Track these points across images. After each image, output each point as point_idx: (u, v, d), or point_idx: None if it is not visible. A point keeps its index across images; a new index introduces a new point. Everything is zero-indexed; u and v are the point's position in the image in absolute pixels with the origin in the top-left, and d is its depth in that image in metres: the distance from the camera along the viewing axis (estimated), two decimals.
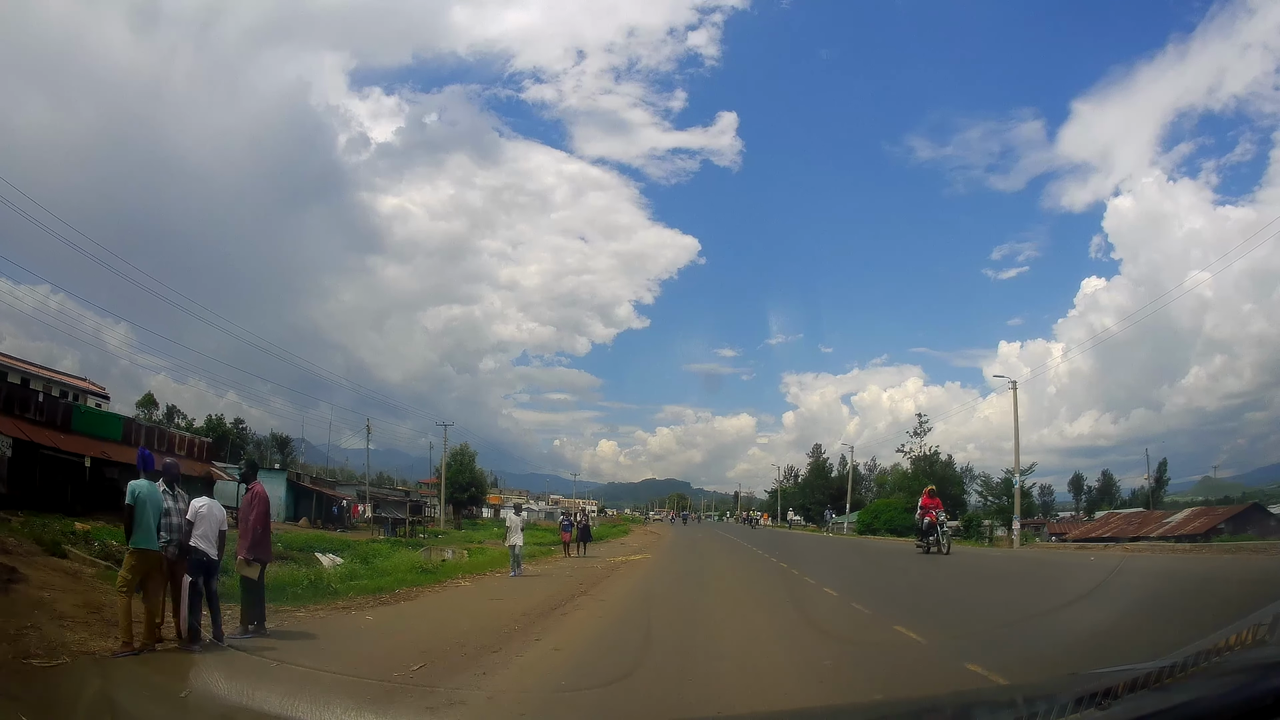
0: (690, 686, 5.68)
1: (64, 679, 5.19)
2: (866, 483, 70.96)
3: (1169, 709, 2.10)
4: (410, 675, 6.03)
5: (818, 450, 77.20)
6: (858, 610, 9.70)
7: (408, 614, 10.15)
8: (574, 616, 9.93)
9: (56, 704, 4.66)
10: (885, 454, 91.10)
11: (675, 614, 10.18)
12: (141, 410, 54.14)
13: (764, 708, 5.09)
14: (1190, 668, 2.30)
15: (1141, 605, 9.19)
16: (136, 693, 4.93)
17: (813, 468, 75.74)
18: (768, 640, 7.99)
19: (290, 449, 69.78)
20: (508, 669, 6.42)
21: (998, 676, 5.26)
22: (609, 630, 8.97)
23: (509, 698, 5.50)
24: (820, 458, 75.69)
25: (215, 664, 6.11)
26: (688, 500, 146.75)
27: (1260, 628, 2.35)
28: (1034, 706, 2.38)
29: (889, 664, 6.50)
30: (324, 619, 9.11)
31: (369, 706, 4.83)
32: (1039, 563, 18.59)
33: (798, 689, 5.61)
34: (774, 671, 6.34)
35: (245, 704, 4.40)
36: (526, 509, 72.65)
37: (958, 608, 10.93)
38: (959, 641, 7.09)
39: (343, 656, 6.98)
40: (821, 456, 75.86)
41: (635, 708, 5.30)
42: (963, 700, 3.64)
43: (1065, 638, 7.03)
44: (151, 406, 57.16)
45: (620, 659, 6.99)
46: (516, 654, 7.08)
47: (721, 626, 8.93)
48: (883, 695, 5.03)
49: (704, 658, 6.89)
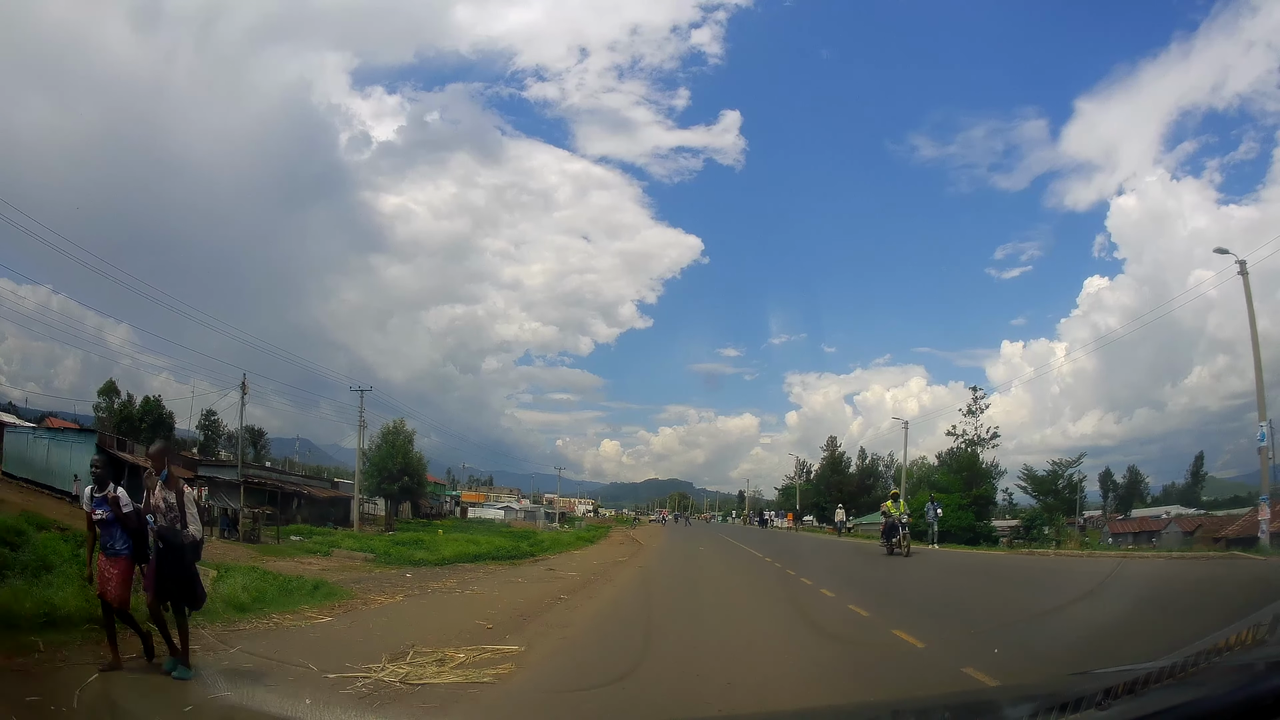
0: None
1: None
2: (884, 479, 64.85)
3: (1169, 709, 2.08)
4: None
5: (832, 443, 69.12)
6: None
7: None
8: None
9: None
10: (892, 449, 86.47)
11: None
12: (102, 399, 49.23)
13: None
14: (1190, 668, 2.29)
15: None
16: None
17: (827, 462, 67.85)
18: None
19: (263, 443, 65.04)
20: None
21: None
22: None
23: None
24: (835, 451, 68.14)
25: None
26: (689, 500, 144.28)
27: (1260, 628, 2.34)
28: (1034, 706, 2.37)
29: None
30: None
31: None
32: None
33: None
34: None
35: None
36: (507, 507, 71.16)
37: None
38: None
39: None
40: (837, 450, 68.32)
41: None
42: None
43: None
44: (114, 394, 50.68)
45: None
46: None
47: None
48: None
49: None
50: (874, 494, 59.91)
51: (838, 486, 61.70)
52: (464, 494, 77.85)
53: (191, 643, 5.75)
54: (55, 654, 5.78)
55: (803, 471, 76.47)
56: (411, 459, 45.53)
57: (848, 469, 66.24)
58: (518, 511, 71.24)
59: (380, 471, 43.53)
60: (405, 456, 44.91)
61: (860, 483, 63.56)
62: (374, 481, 43.75)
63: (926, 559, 19.61)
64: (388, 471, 43.62)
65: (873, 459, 67.83)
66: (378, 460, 43.68)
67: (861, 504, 57.96)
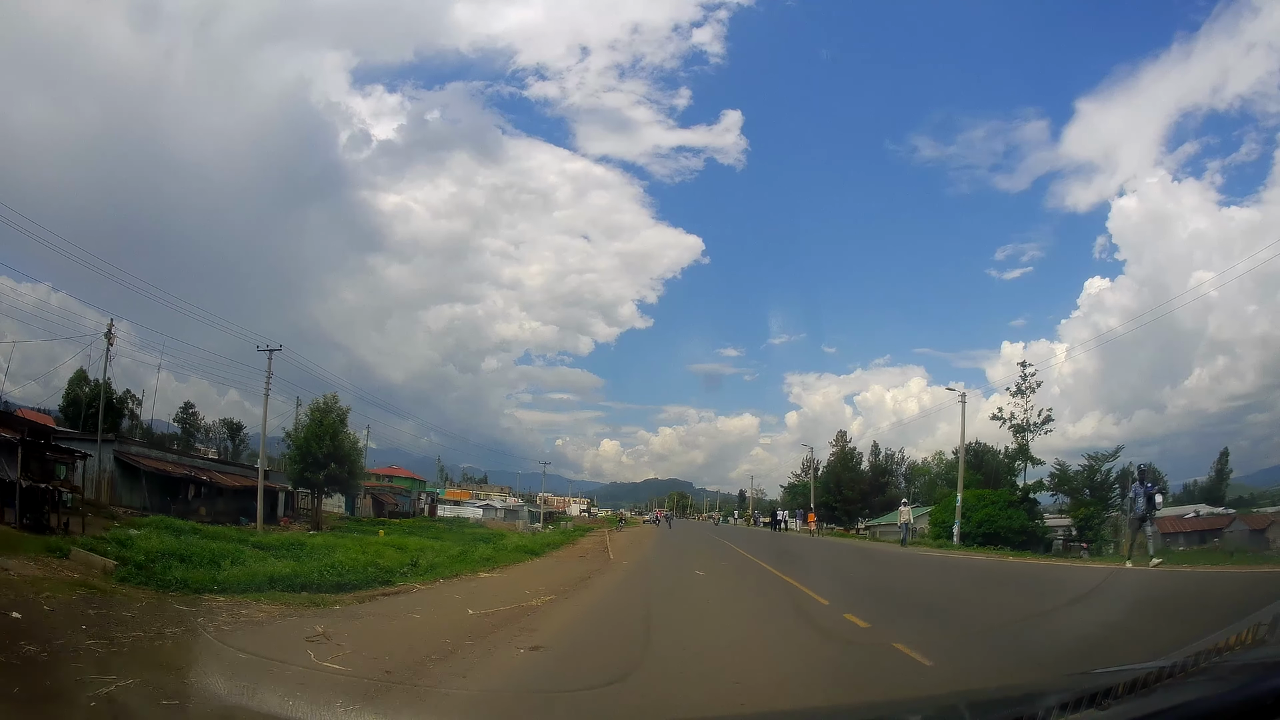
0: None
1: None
2: (894, 477, 62.49)
3: (1169, 709, 2.08)
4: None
5: (842, 438, 63.22)
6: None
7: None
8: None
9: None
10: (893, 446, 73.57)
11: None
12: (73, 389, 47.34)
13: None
14: (1190, 668, 2.28)
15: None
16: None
17: (838, 458, 61.27)
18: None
19: (242, 436, 62.88)
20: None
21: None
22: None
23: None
24: (846, 445, 62.39)
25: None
26: (689, 499, 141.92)
27: (1260, 627, 2.33)
28: (1034, 706, 2.36)
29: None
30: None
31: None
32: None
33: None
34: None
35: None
36: (487, 505, 68.88)
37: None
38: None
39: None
40: (847, 444, 62.74)
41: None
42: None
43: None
44: (83, 383, 50.54)
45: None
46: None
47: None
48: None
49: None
50: (888, 493, 56.45)
51: (850, 484, 57.62)
52: (449, 492, 75.98)
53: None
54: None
55: (810, 468, 68.83)
56: (343, 442, 38.74)
57: (859, 465, 61.46)
58: (498, 510, 68.41)
59: (304, 457, 37.11)
60: (335, 439, 37.87)
61: (873, 481, 59.50)
62: (297, 469, 37.89)
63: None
64: (313, 457, 36.91)
65: (886, 455, 63.97)
66: (301, 443, 37.52)
67: (875, 504, 55.97)
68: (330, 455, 37.35)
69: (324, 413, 38.48)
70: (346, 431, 39.52)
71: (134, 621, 7.31)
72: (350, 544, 19.21)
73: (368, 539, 22.60)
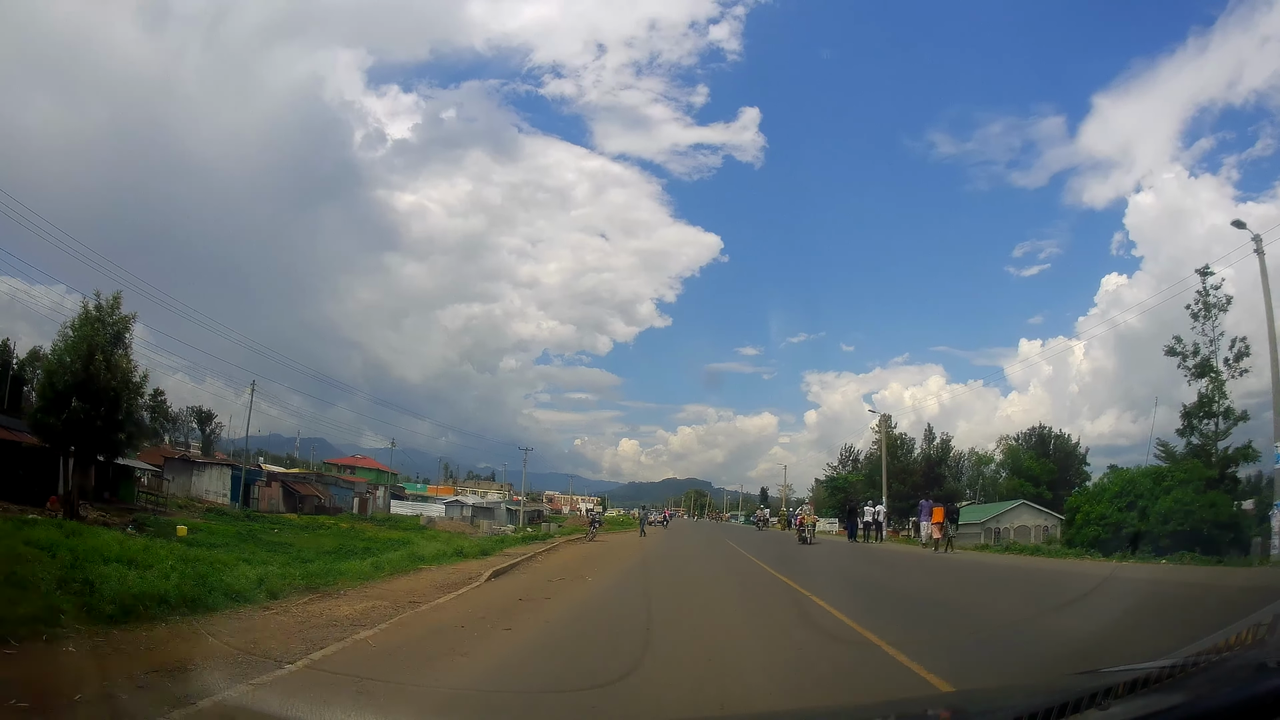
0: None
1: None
2: (955, 469, 54.26)
3: (1169, 709, 2.08)
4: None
5: (886, 422, 48.45)
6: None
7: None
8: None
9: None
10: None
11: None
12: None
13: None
14: (1190, 668, 2.28)
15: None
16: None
17: (886, 446, 46.85)
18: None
19: (213, 426, 61.11)
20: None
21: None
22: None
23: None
24: (891, 430, 49.84)
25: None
26: (708, 498, 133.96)
27: (1260, 627, 2.32)
28: (1035, 706, 2.35)
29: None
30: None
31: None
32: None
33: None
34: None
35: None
36: (455, 502, 63.85)
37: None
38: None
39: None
40: (893, 429, 50.93)
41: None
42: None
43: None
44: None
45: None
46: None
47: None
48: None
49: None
50: (945, 487, 46.95)
51: (899, 476, 46.71)
52: (430, 489, 74.36)
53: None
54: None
55: (848, 459, 60.62)
56: (102, 370, 23.06)
57: (910, 453, 52.35)
58: (466, 507, 62.00)
59: (46, 394, 23.80)
60: (97, 362, 23.01)
61: (927, 472, 49.51)
62: (37, 415, 23.90)
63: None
64: (56, 393, 23.04)
65: (942, 440, 53.83)
66: (51, 369, 24.05)
67: (937, 498, 47.46)
68: (82, 384, 22.77)
69: (92, 324, 23.49)
70: (122, 355, 24.06)
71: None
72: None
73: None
